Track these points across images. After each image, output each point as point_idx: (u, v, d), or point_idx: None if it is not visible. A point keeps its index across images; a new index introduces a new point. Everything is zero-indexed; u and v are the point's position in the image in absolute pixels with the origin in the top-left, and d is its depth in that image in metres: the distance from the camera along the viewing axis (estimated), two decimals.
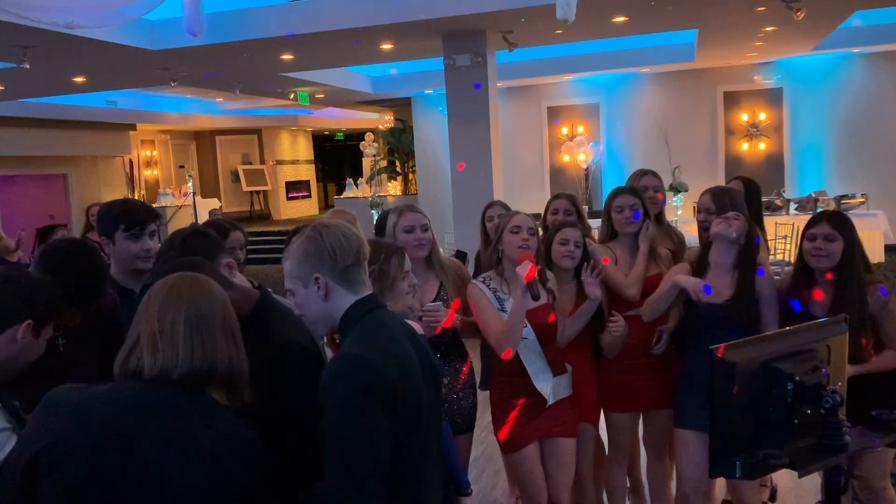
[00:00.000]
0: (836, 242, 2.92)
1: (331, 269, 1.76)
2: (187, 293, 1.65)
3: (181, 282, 1.68)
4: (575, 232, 3.12)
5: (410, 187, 15.39)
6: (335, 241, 1.76)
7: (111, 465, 1.48)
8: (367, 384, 1.60)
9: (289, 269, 1.81)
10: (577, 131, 12.81)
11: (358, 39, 7.51)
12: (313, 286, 1.76)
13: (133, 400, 1.55)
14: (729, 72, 11.98)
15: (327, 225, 1.80)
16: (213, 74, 9.56)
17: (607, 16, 7.44)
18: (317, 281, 1.76)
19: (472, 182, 7.55)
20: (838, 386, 1.87)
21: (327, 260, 1.75)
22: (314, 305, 1.79)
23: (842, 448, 1.83)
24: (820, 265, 2.94)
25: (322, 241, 1.76)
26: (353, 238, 1.79)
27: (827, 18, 8.13)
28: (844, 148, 11.54)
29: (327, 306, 1.78)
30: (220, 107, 16.98)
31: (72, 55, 7.60)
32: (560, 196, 3.81)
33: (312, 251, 1.76)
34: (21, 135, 13.46)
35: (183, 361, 1.58)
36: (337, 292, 1.77)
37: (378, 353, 1.66)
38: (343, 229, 1.79)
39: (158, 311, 1.62)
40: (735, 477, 1.83)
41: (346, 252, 1.76)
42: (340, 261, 1.76)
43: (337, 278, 1.76)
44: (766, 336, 2.10)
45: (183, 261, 1.91)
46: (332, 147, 24.60)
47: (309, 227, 1.82)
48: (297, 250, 1.79)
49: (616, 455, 3.40)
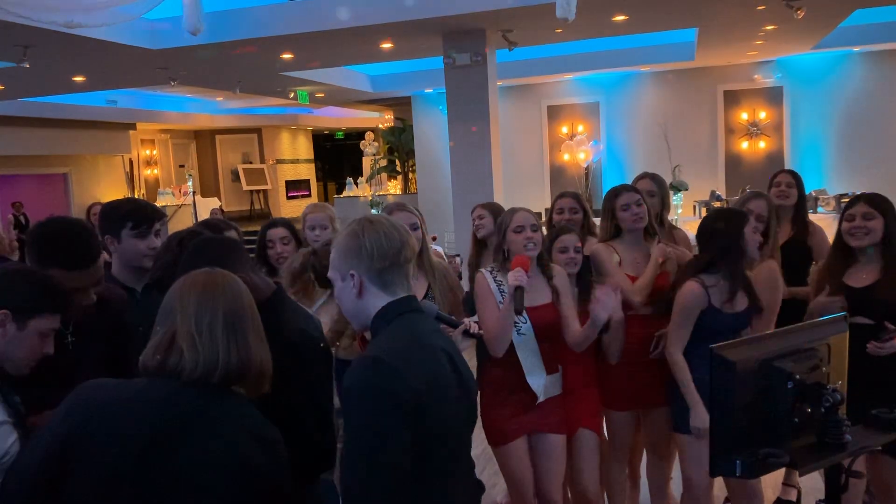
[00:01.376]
0: (876, 220, 2.94)
1: (367, 268, 1.73)
2: (221, 291, 1.66)
3: (213, 279, 1.69)
4: (572, 237, 3.13)
5: (410, 186, 15.38)
6: (375, 240, 1.73)
7: (142, 463, 1.49)
8: (386, 389, 1.57)
9: (332, 258, 1.80)
10: (577, 130, 12.80)
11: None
12: (349, 281, 1.74)
13: (169, 399, 1.56)
14: (729, 71, 11.98)
15: (372, 222, 1.77)
16: None
17: (607, 15, 7.43)
18: (352, 277, 1.74)
19: (472, 182, 7.54)
20: (839, 385, 1.87)
21: (364, 258, 1.73)
22: (348, 301, 1.78)
23: (842, 447, 1.83)
24: (861, 243, 2.96)
25: (362, 239, 1.73)
26: (395, 239, 1.75)
27: (827, 17, 8.12)
28: (845, 147, 11.54)
29: (360, 304, 1.75)
30: (220, 106, 16.98)
31: (72, 55, 7.60)
32: (566, 195, 3.80)
33: (352, 247, 1.74)
34: (21, 135, 13.47)
35: (223, 362, 1.60)
36: (371, 291, 1.74)
37: (403, 360, 1.62)
38: (386, 228, 1.76)
39: (196, 310, 1.62)
40: (735, 476, 1.82)
41: (384, 253, 1.73)
42: (377, 261, 1.73)
43: (372, 277, 1.74)
44: (766, 335, 2.10)
45: (210, 256, 1.93)
46: (332, 146, 24.60)
47: (356, 220, 1.79)
48: (339, 243, 1.78)
49: (615, 453, 3.40)
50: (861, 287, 2.96)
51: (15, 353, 1.87)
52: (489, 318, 2.89)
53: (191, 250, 2.06)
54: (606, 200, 3.38)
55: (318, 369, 2.04)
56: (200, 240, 2.12)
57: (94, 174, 16.06)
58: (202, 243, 2.09)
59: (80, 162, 15.81)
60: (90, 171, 16.03)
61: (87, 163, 16.02)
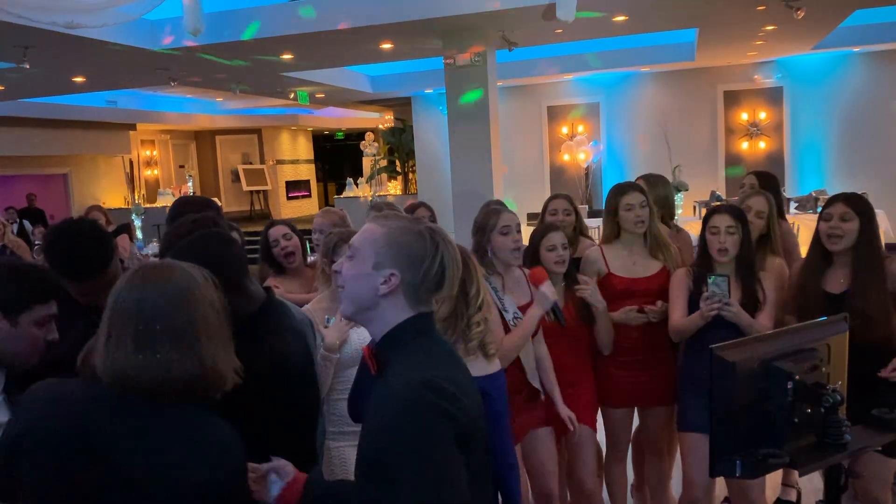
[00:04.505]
0: (853, 222, 2.86)
1: (412, 281, 1.53)
2: (161, 293, 1.50)
3: (158, 275, 1.54)
4: (559, 235, 3.10)
5: (410, 187, 15.39)
6: (448, 264, 1.55)
7: (74, 462, 1.43)
8: (448, 415, 1.40)
9: (373, 237, 1.55)
10: (577, 131, 12.80)
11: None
12: (380, 276, 1.53)
13: (99, 398, 1.48)
14: (729, 71, 11.98)
15: (448, 243, 1.58)
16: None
17: (607, 15, 7.43)
18: (390, 277, 1.53)
19: (472, 182, 7.54)
20: (838, 385, 1.87)
21: (420, 273, 1.53)
22: (364, 289, 1.54)
23: (842, 447, 1.83)
24: (836, 248, 2.87)
25: (432, 253, 1.54)
26: (457, 271, 1.59)
27: (827, 17, 8.12)
28: (845, 147, 11.53)
29: (380, 302, 1.54)
30: (220, 106, 16.98)
31: (72, 55, 7.60)
32: (558, 196, 3.81)
33: (415, 253, 1.54)
34: (21, 135, 13.47)
35: (136, 371, 1.46)
36: (399, 301, 1.54)
37: (456, 384, 1.47)
38: (457, 258, 1.59)
39: (122, 312, 1.49)
40: (735, 476, 1.82)
41: (444, 282, 1.56)
42: (430, 284, 1.55)
43: (409, 291, 1.54)
44: (765, 335, 2.10)
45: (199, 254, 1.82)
46: (332, 147, 24.58)
47: (428, 225, 1.59)
48: (400, 236, 1.54)
49: (614, 451, 3.39)
50: (836, 293, 2.88)
51: (16, 348, 1.85)
52: (494, 325, 2.79)
53: (191, 242, 1.97)
54: (611, 197, 3.29)
55: (292, 394, 1.95)
56: (203, 234, 2.02)
57: (95, 175, 16.06)
58: (204, 238, 1.99)
59: (80, 162, 15.82)
60: (90, 171, 16.03)
61: (87, 163, 16.02)
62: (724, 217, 2.95)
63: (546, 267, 3.07)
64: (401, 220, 1.59)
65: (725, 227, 2.93)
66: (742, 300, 2.92)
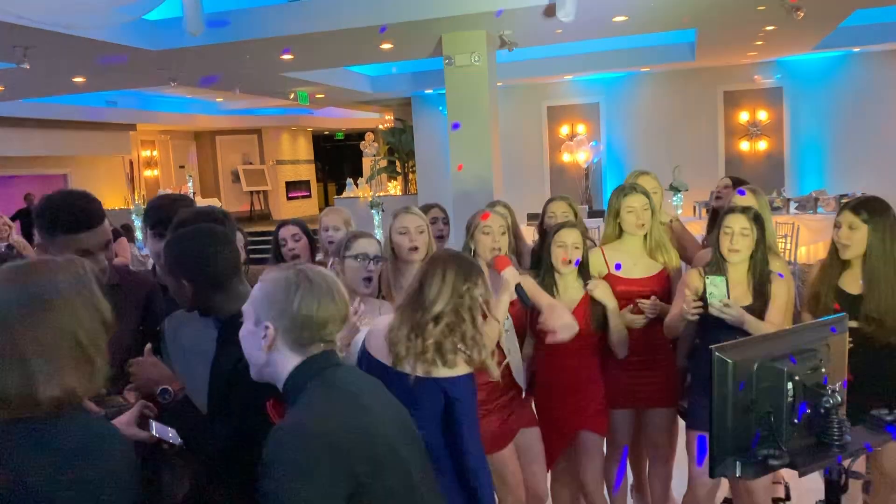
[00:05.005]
0: (860, 231, 2.85)
1: (285, 329, 1.56)
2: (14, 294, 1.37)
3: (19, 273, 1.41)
4: (573, 233, 3.09)
5: (410, 187, 15.38)
6: (306, 305, 1.56)
7: None
8: (318, 457, 1.40)
9: (254, 294, 1.62)
10: (577, 131, 12.80)
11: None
12: (260, 331, 1.57)
13: None
14: (729, 71, 11.98)
15: (312, 282, 1.58)
16: (210, 81, 9.55)
17: (607, 15, 7.43)
18: (265, 330, 1.56)
19: (472, 182, 7.54)
20: (838, 385, 1.87)
21: (286, 319, 1.55)
22: (252, 348, 1.60)
23: (842, 447, 1.83)
24: (846, 256, 2.91)
25: (292, 297, 1.55)
26: (328, 311, 1.58)
27: (827, 18, 8.12)
28: (845, 147, 11.54)
29: (268, 357, 1.58)
30: (220, 107, 16.98)
31: (72, 55, 7.60)
32: (557, 199, 3.77)
33: (278, 299, 1.56)
34: (21, 135, 13.47)
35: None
36: (282, 351, 1.57)
37: (347, 414, 1.48)
38: (324, 294, 1.58)
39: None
40: (736, 476, 1.83)
41: (310, 323, 1.56)
42: (299, 329, 1.56)
43: (287, 338, 1.57)
44: (766, 336, 2.10)
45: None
46: (332, 147, 24.59)
47: (295, 270, 1.61)
48: (267, 287, 1.59)
49: (615, 453, 3.39)
50: (854, 294, 2.92)
51: None
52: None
53: (182, 236, 2.00)
54: (614, 198, 3.29)
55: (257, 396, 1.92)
56: (198, 228, 2.02)
57: (94, 175, 16.06)
58: (197, 233, 2.00)
59: (80, 163, 15.82)
60: (90, 171, 16.03)
61: (87, 164, 16.02)
62: (739, 219, 2.95)
63: (553, 263, 3.08)
64: (277, 270, 1.63)
65: (740, 228, 2.93)
66: (753, 304, 2.92)
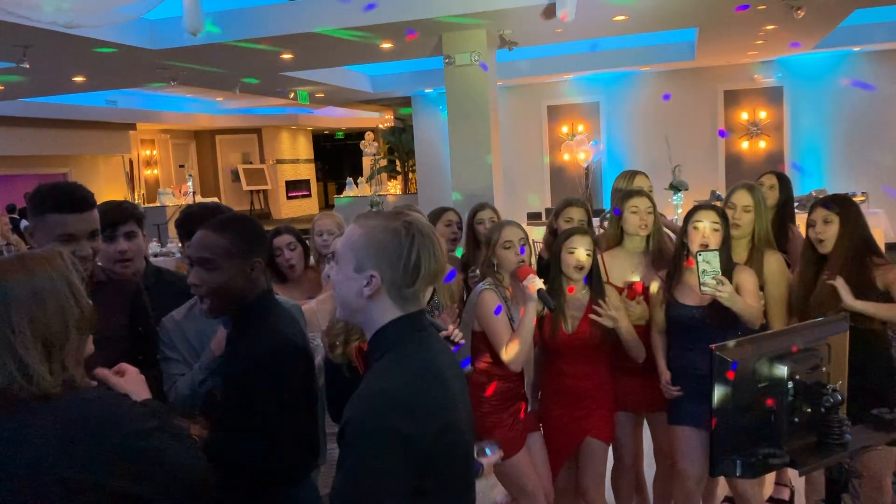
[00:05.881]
0: (833, 224, 2.93)
1: (393, 280, 1.52)
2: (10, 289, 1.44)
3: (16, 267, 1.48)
4: (585, 239, 3.07)
5: (410, 186, 15.39)
6: (424, 259, 1.52)
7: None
8: (396, 431, 1.39)
9: (352, 238, 1.54)
10: (577, 130, 12.80)
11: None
12: (362, 278, 1.52)
13: None
14: (729, 70, 11.97)
15: (424, 235, 1.54)
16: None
17: (607, 15, 7.43)
18: (371, 279, 1.52)
19: (472, 182, 7.54)
20: (839, 385, 1.87)
21: (399, 270, 1.51)
22: (350, 293, 1.55)
23: (842, 446, 1.83)
24: (824, 250, 2.96)
25: (408, 248, 1.51)
26: (440, 264, 1.56)
27: (827, 17, 8.12)
28: (845, 147, 11.54)
29: (367, 305, 1.54)
30: (220, 106, 16.99)
31: (72, 55, 7.60)
32: (575, 205, 3.73)
33: (390, 249, 1.51)
34: (21, 135, 13.48)
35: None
36: (385, 302, 1.53)
37: (417, 399, 1.45)
38: (436, 249, 1.55)
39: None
40: (736, 475, 1.83)
41: (424, 275, 1.53)
42: (411, 280, 1.52)
43: (393, 290, 1.53)
44: (766, 335, 2.10)
45: None
46: (332, 146, 24.60)
47: (404, 220, 1.55)
48: (376, 235, 1.53)
49: (620, 458, 3.38)
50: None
51: None
52: (503, 334, 2.87)
53: (233, 216, 2.14)
54: (617, 202, 3.33)
55: (293, 374, 1.99)
56: (243, 215, 2.20)
57: (94, 174, 16.06)
58: (245, 217, 2.17)
59: (80, 162, 15.83)
60: (90, 171, 16.03)
61: (87, 163, 16.03)
62: (710, 214, 3.01)
63: (564, 269, 3.07)
64: (379, 218, 1.57)
65: (710, 223, 2.98)
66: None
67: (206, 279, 1.97)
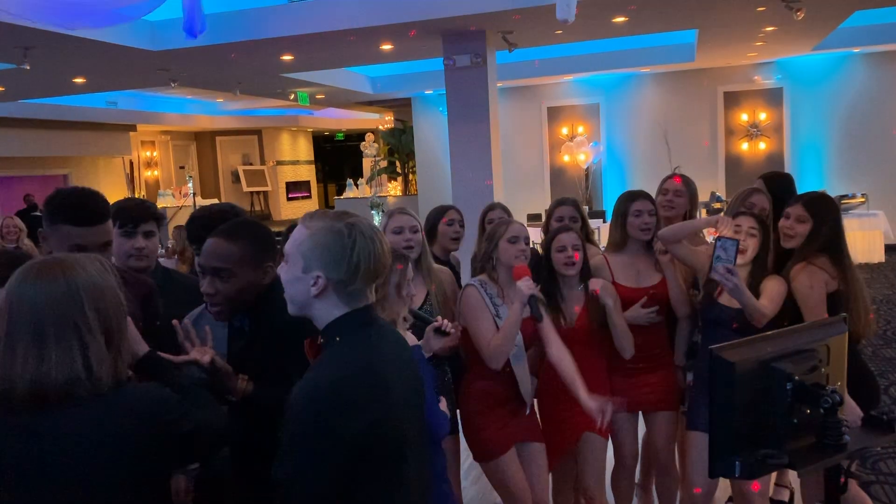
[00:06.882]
0: (807, 224, 2.87)
1: (338, 279, 1.60)
2: (50, 290, 1.48)
3: (46, 272, 1.51)
4: (571, 236, 3.08)
5: (411, 188, 15.39)
6: (365, 256, 1.60)
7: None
8: (329, 422, 1.51)
9: (299, 243, 1.62)
10: (577, 131, 12.81)
11: (354, 38, 7.49)
12: (309, 279, 1.61)
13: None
14: (729, 72, 11.99)
15: (364, 233, 1.62)
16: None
17: (607, 16, 7.44)
18: (317, 280, 1.60)
19: (472, 182, 7.54)
20: (838, 386, 1.87)
21: (342, 269, 1.59)
22: (298, 293, 1.64)
23: (841, 448, 1.83)
24: (788, 244, 2.92)
25: (349, 247, 1.59)
26: (384, 259, 1.65)
27: (827, 18, 8.13)
28: (845, 148, 11.54)
29: (314, 303, 1.63)
30: (220, 107, 17.00)
31: (72, 56, 7.60)
32: (565, 203, 3.75)
33: (333, 249, 1.60)
34: (21, 136, 13.49)
35: (18, 377, 1.44)
36: (331, 300, 1.62)
37: (349, 394, 1.54)
38: (377, 248, 1.63)
39: (9, 310, 1.48)
40: (735, 477, 1.82)
41: (368, 272, 1.62)
42: (354, 278, 1.60)
43: (339, 288, 1.61)
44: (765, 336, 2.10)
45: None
46: (332, 147, 24.60)
47: (345, 221, 1.62)
48: (319, 237, 1.61)
49: (620, 458, 3.37)
50: None
51: None
52: (486, 332, 2.84)
53: (244, 221, 2.19)
54: (620, 204, 3.31)
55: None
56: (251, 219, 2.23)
57: (95, 175, 16.07)
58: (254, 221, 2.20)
59: (80, 163, 15.84)
60: (90, 172, 16.04)
61: (87, 164, 16.03)
62: (748, 219, 2.96)
63: (557, 269, 3.07)
64: (325, 219, 1.64)
65: (748, 227, 2.94)
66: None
67: (222, 289, 1.98)
